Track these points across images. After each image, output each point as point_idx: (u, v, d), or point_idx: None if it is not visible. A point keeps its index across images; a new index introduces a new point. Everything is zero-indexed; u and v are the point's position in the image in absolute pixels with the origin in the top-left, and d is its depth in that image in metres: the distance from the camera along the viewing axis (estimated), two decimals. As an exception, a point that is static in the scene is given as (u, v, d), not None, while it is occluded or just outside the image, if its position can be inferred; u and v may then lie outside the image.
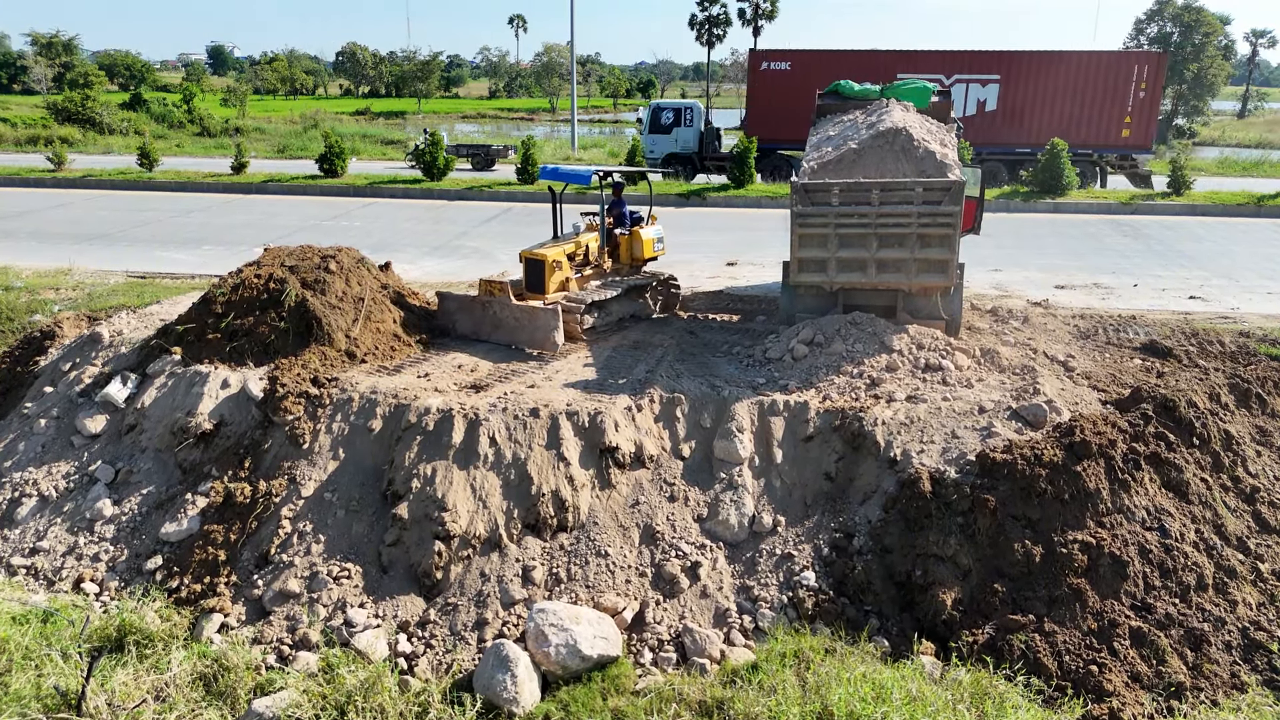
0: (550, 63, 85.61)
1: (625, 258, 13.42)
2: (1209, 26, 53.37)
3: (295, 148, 38.15)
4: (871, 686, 6.84)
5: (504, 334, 11.70)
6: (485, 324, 11.86)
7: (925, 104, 13.94)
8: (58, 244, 19.54)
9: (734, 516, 9.03)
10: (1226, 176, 31.53)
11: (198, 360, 10.56)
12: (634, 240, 13.35)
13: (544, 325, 11.33)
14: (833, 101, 14.53)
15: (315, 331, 10.74)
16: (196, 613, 8.38)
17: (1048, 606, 7.97)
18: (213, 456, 9.78)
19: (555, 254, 12.00)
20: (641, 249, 13.34)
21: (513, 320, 11.58)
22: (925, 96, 13.95)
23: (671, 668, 7.88)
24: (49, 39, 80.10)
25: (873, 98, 14.14)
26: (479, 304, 11.90)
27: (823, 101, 14.69)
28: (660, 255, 13.80)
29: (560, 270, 12.06)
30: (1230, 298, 15.72)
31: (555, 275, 11.97)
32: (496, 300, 11.67)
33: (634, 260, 13.43)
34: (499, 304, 11.63)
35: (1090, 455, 8.75)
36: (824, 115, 14.39)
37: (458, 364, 11.05)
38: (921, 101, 13.90)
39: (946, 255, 11.08)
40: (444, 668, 7.87)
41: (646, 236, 13.38)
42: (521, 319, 11.51)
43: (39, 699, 6.77)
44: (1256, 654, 7.83)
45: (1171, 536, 8.45)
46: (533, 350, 11.42)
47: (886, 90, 14.20)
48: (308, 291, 10.92)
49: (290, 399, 9.77)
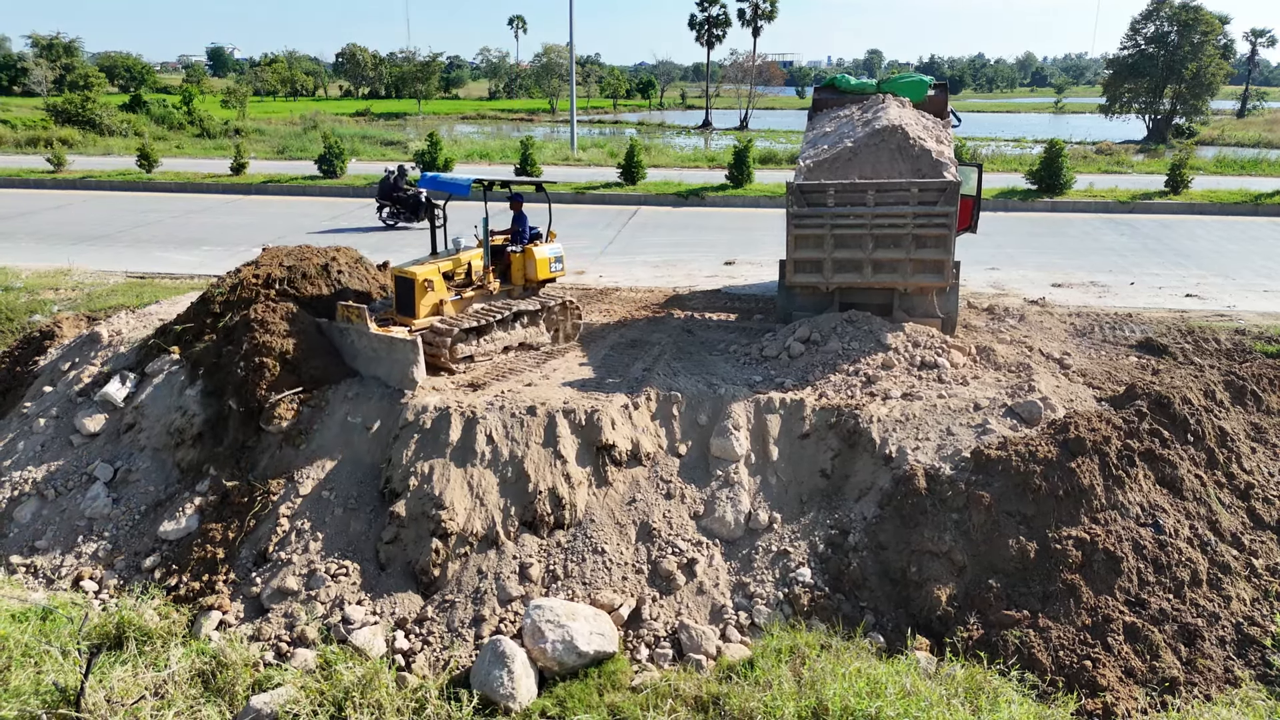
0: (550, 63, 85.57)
1: (517, 278, 11.83)
2: (1207, 25, 53.34)
3: (295, 149, 38.15)
4: (866, 682, 6.88)
5: (362, 365, 10.34)
6: (343, 351, 10.52)
7: (922, 98, 13.86)
8: (57, 245, 19.58)
9: (730, 514, 9.07)
10: (1224, 175, 31.52)
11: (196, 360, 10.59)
12: (527, 259, 11.77)
13: (402, 358, 9.97)
14: (829, 96, 14.43)
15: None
16: (195, 610, 8.43)
17: (1042, 602, 8.01)
18: (211, 455, 9.83)
19: (427, 272, 10.66)
20: (535, 269, 11.75)
21: (370, 351, 10.25)
22: (922, 90, 13.88)
23: (668, 664, 7.92)
24: (49, 41, 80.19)
25: (869, 92, 14.06)
26: (336, 330, 10.55)
27: (819, 96, 14.60)
28: (559, 276, 12.24)
29: (432, 291, 10.67)
30: (1226, 296, 15.74)
31: (427, 297, 10.61)
32: (354, 328, 10.34)
33: (527, 281, 11.88)
34: (356, 332, 10.32)
35: (1085, 452, 8.79)
36: (820, 109, 14.32)
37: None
38: (918, 95, 13.83)
39: (942, 256, 11.10)
40: (441, 664, 7.92)
41: (541, 255, 11.77)
42: (379, 350, 10.16)
43: (38, 695, 6.81)
44: (1250, 649, 7.87)
45: (1166, 532, 8.48)
46: (389, 383, 10.11)
47: (883, 84, 14.13)
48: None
49: (283, 404, 9.76)
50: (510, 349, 11.45)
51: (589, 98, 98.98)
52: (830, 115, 13.82)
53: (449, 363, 10.57)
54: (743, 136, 39.41)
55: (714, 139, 57.26)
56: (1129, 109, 58.13)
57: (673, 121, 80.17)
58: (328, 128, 44.16)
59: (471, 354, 10.90)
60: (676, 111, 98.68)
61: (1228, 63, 57.68)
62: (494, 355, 11.20)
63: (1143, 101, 57.02)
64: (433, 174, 11.08)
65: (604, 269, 17.73)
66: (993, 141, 47.54)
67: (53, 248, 19.20)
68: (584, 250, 19.51)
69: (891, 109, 12.54)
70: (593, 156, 36.19)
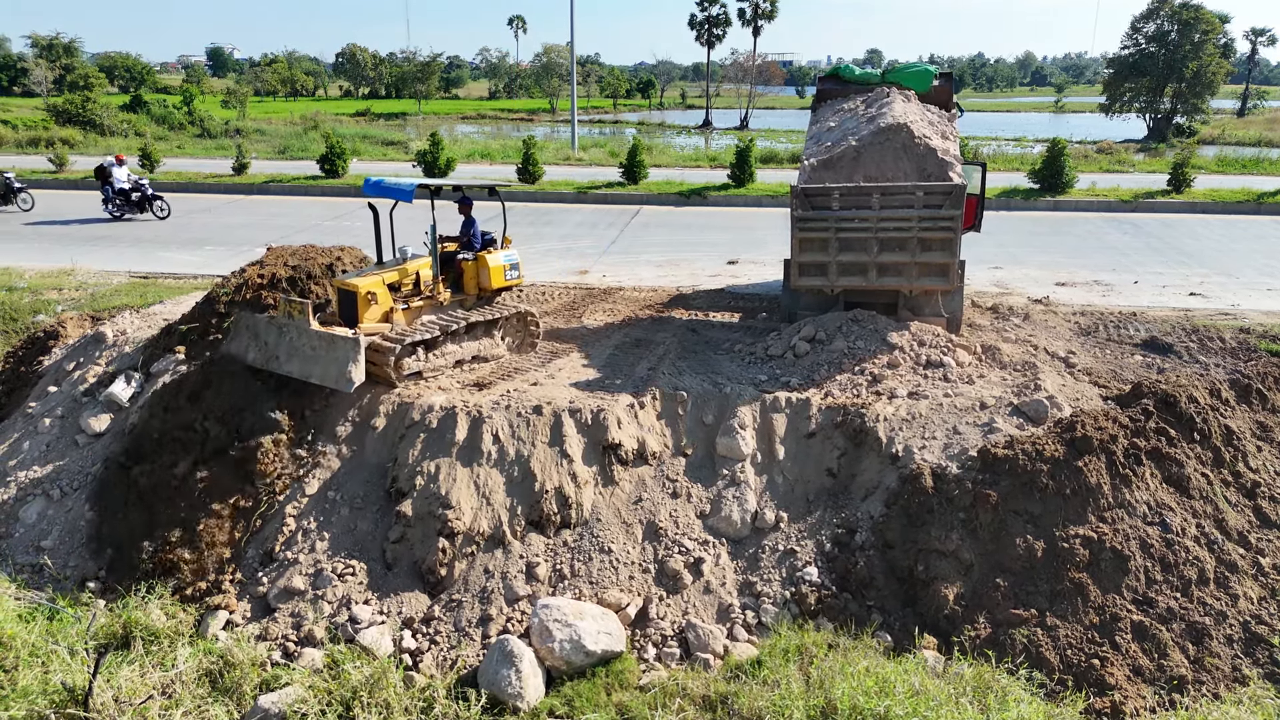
0: (550, 63, 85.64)
1: (470, 288, 11.23)
2: (1208, 24, 53.34)
3: (296, 149, 38.16)
4: (875, 681, 6.87)
5: (297, 364, 9.72)
6: (280, 350, 9.86)
7: (927, 88, 13.62)
8: (60, 245, 19.59)
9: (736, 513, 9.06)
10: (1226, 174, 31.53)
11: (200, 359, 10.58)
12: (480, 267, 11.18)
13: (341, 357, 9.42)
14: (833, 86, 14.18)
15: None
16: (202, 610, 8.43)
17: (1050, 601, 8.01)
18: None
19: (370, 284, 10.12)
20: (489, 278, 11.14)
21: (309, 349, 9.66)
22: (927, 80, 13.63)
23: (675, 663, 7.92)
24: (49, 41, 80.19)
25: (874, 82, 13.82)
26: (275, 327, 9.95)
27: (823, 86, 14.35)
28: (516, 284, 11.54)
29: (376, 304, 10.14)
30: (1230, 294, 15.74)
31: (371, 309, 10.10)
32: (295, 324, 9.77)
33: (481, 290, 11.27)
34: (297, 328, 9.74)
35: (1091, 450, 8.79)
36: (824, 100, 14.09)
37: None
38: (923, 86, 13.59)
39: (948, 259, 11.01)
40: (449, 664, 7.91)
41: (495, 263, 11.15)
42: (319, 348, 9.60)
43: (46, 695, 6.81)
44: (1258, 647, 7.87)
45: (1172, 531, 8.48)
46: (325, 384, 9.59)
47: (888, 74, 13.88)
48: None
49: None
50: (463, 362, 10.96)
51: (589, 98, 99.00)
52: (834, 108, 13.61)
53: (394, 377, 10.04)
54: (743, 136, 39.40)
55: (714, 139, 57.26)
56: (1129, 108, 58.16)
57: (673, 121, 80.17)
58: (328, 128, 44.11)
59: (420, 369, 10.38)
60: (677, 111, 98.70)
61: (1228, 62, 57.66)
62: (444, 370, 10.69)
63: (1143, 101, 57.04)
64: (376, 179, 10.62)
65: (607, 268, 17.73)
66: (994, 141, 47.52)
67: (56, 248, 19.20)
68: (587, 250, 19.51)
69: (896, 104, 12.41)
70: (593, 156, 36.19)
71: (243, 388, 9.83)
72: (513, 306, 11.58)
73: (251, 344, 10.10)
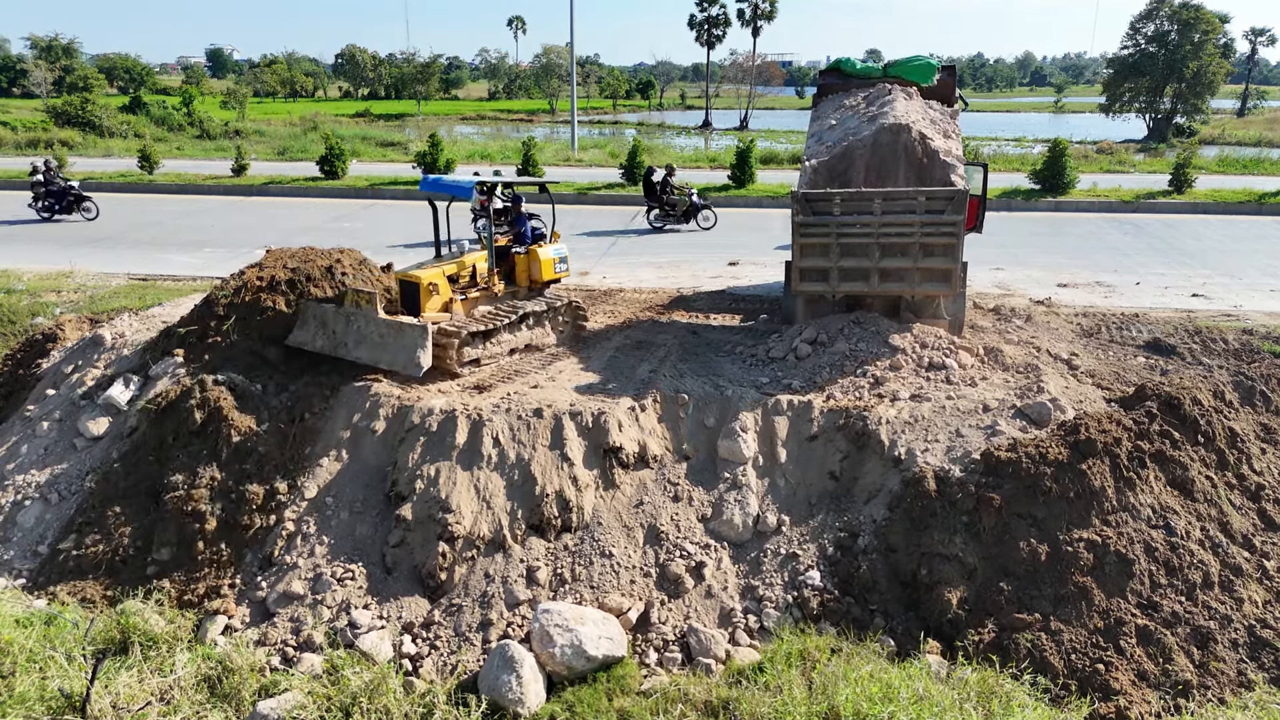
0: (549, 64, 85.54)
1: (522, 279, 11.98)
2: (1207, 24, 53.29)
3: (295, 150, 38.13)
4: (878, 686, 6.82)
5: (366, 350, 10.18)
6: (349, 338, 10.30)
7: (929, 82, 13.44)
8: (59, 247, 19.54)
9: (738, 516, 9.01)
10: (1227, 174, 31.51)
11: (200, 362, 10.54)
12: (531, 260, 11.95)
13: (409, 343, 9.94)
14: (835, 81, 13.97)
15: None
16: (201, 615, 8.37)
17: (1054, 605, 7.95)
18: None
19: (432, 276, 10.70)
20: (540, 270, 11.91)
21: (377, 336, 10.15)
22: (929, 74, 13.44)
23: (677, 668, 7.86)
24: (48, 42, 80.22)
25: (875, 76, 13.62)
26: (343, 316, 10.39)
27: (824, 80, 14.17)
28: (563, 277, 12.37)
29: (438, 294, 10.73)
30: (1233, 295, 15.69)
31: (432, 300, 10.67)
32: (363, 313, 10.25)
33: (532, 282, 12.01)
34: (364, 317, 10.22)
35: (1095, 453, 8.73)
36: (825, 95, 13.89)
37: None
38: (925, 79, 13.40)
39: (949, 264, 10.84)
40: (449, 669, 7.86)
41: (545, 256, 11.96)
42: (387, 335, 10.12)
43: (43, 701, 6.75)
44: (1263, 651, 7.81)
45: (1177, 534, 8.43)
46: (395, 371, 10.12)
47: (890, 68, 13.66)
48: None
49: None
50: (516, 351, 11.42)
51: (588, 98, 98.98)
52: (836, 103, 13.42)
53: (454, 365, 10.45)
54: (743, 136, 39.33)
55: (714, 139, 57.22)
56: (1129, 108, 58.12)
57: (673, 122, 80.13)
58: (328, 129, 44.07)
59: (478, 357, 10.84)
60: (676, 112, 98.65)
61: (1228, 62, 57.62)
62: (499, 358, 11.15)
63: (1143, 101, 56.99)
64: (435, 176, 11.10)
65: (608, 270, 17.69)
66: (994, 141, 47.49)
67: (54, 250, 19.15)
68: (587, 252, 19.46)
69: (898, 103, 12.28)
70: (593, 157, 36.16)
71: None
72: (562, 297, 12.10)
73: (319, 332, 10.47)
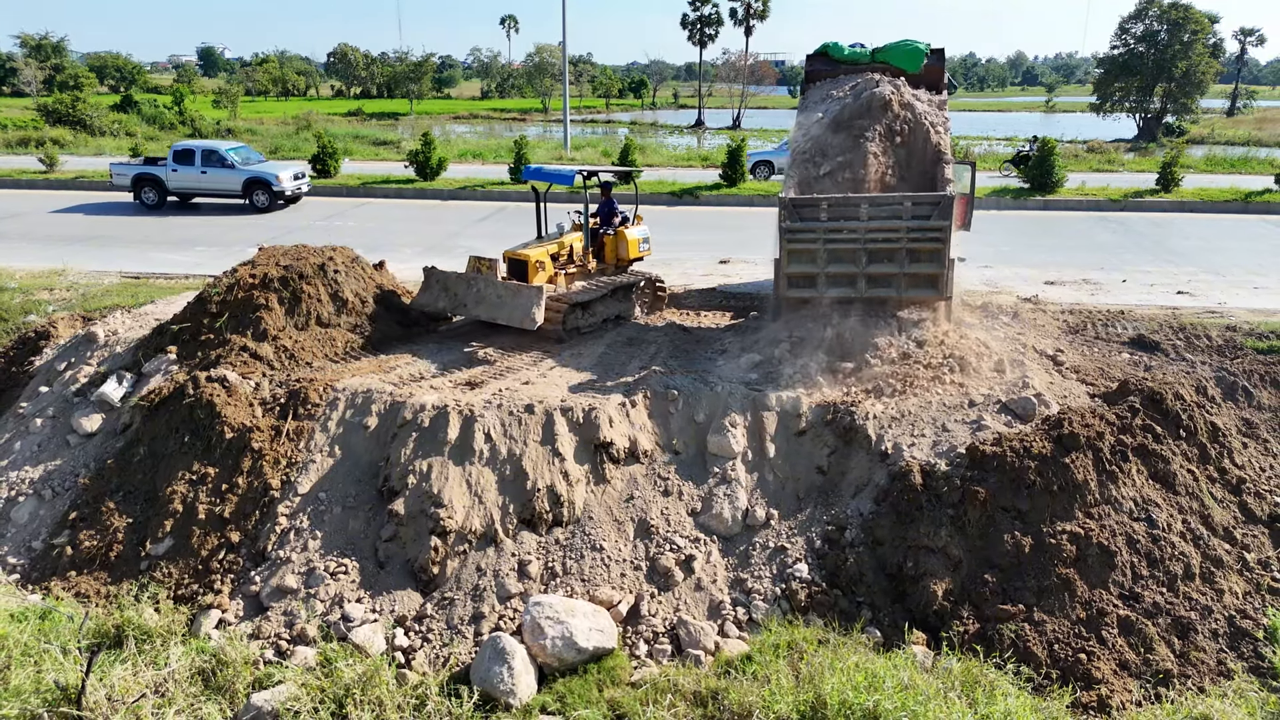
0: (542, 63, 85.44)
1: (610, 258, 13.42)
2: (1197, 24, 53.60)
3: (288, 149, 38.05)
4: (864, 676, 6.93)
5: (485, 309, 11.79)
6: (468, 299, 11.92)
7: (918, 68, 13.21)
8: (51, 245, 19.51)
9: (727, 510, 9.12)
10: (1214, 173, 31.74)
11: (193, 359, 10.60)
12: (619, 240, 13.35)
13: (526, 301, 11.40)
14: (822, 67, 13.70)
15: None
16: (194, 609, 8.44)
17: (1037, 596, 8.08)
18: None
19: (539, 254, 12.07)
20: (627, 249, 13.35)
21: (495, 296, 11.70)
22: (918, 59, 13.22)
23: (666, 659, 7.97)
24: (38, 41, 79.69)
25: (863, 61, 13.41)
26: (464, 280, 11.99)
27: (811, 67, 13.90)
28: (646, 255, 13.85)
29: (544, 270, 12.09)
30: (1217, 293, 15.86)
31: (539, 275, 11.99)
32: (483, 277, 11.89)
33: (619, 260, 13.43)
34: (485, 280, 11.82)
35: (1079, 447, 8.86)
36: (813, 82, 13.65)
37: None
38: (914, 65, 13.18)
39: (937, 270, 10.82)
40: (441, 661, 7.94)
41: (632, 237, 13.40)
42: (505, 295, 11.64)
43: (39, 694, 6.82)
44: (1242, 641, 7.96)
45: (1159, 527, 8.56)
46: (511, 324, 11.52)
47: (878, 53, 13.46)
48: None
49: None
50: (608, 320, 12.81)
51: (581, 97, 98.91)
52: (823, 92, 13.19)
53: (562, 330, 11.80)
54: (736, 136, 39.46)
55: (707, 138, 57.32)
56: (1119, 108, 58.40)
57: (665, 121, 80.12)
58: (320, 128, 44.00)
59: (579, 325, 12.20)
60: (669, 111, 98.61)
61: (1217, 61, 57.97)
62: (595, 327, 12.51)
63: (1133, 100, 57.30)
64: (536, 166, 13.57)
65: (599, 268, 17.74)
66: (985, 140, 47.70)
67: (47, 248, 19.12)
68: (579, 249, 19.50)
69: (885, 93, 12.13)
70: (586, 156, 36.19)
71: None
72: (644, 274, 13.63)
73: (441, 295, 12.12)
